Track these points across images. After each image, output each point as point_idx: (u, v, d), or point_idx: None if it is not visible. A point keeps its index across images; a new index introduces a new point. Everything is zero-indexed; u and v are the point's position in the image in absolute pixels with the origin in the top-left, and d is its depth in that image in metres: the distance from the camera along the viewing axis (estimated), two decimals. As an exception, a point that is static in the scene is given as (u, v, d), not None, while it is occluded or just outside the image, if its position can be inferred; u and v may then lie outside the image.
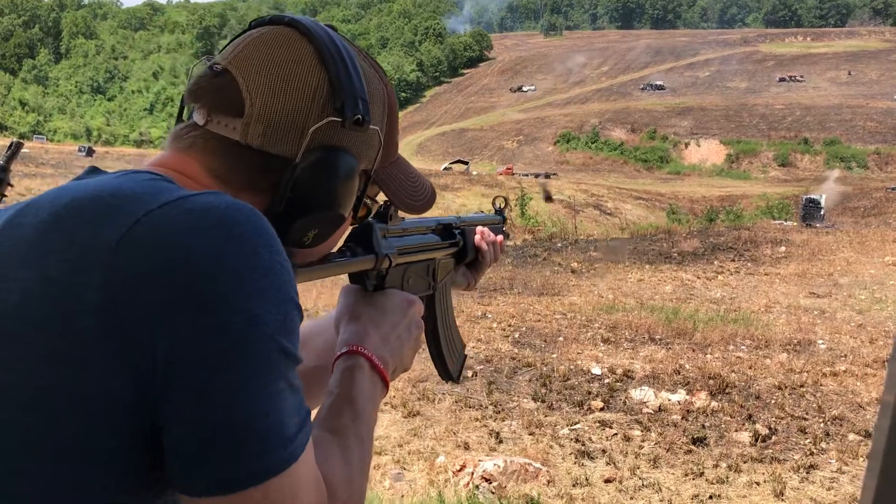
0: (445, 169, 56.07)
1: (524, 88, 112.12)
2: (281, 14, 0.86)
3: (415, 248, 1.08)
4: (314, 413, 0.84)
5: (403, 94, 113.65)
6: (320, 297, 9.24)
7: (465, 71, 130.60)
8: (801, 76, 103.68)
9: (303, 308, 0.72)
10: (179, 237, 0.65)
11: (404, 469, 5.14)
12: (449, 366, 1.24)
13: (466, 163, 63.32)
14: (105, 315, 0.63)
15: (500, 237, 1.35)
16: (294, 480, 0.66)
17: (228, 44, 0.85)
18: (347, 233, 0.95)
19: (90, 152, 45.96)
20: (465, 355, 1.31)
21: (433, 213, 1.13)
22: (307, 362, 1.04)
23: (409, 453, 5.36)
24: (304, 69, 0.80)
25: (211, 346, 0.63)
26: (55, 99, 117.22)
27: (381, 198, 0.98)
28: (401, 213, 1.02)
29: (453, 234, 1.22)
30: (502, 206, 1.45)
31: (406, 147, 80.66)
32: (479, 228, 1.29)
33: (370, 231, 0.96)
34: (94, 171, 0.80)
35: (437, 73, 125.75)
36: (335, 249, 0.93)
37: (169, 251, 0.64)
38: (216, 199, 0.69)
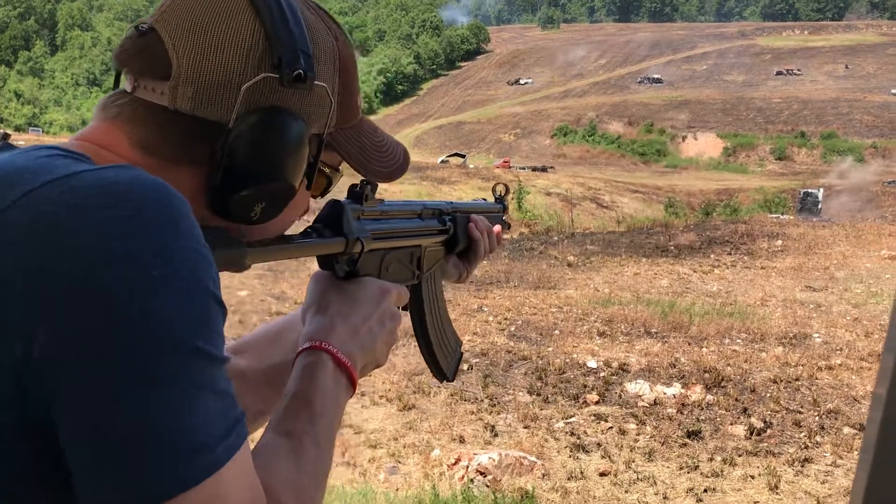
0: (442, 162, 56.08)
1: (521, 81, 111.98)
2: None
3: (395, 233, 0.99)
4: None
5: (400, 87, 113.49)
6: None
7: (462, 64, 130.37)
8: (799, 70, 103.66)
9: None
10: (58, 219, 0.57)
11: (399, 462, 5.13)
12: (441, 363, 1.15)
13: (463, 156, 63.36)
14: None
15: (497, 227, 1.26)
16: (217, 491, 0.57)
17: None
18: (318, 213, 0.88)
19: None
20: (461, 353, 1.22)
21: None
22: (276, 359, 0.98)
23: (404, 447, 5.35)
24: (235, 22, 0.71)
25: (97, 347, 0.54)
26: (51, 91, 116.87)
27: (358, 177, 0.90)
28: (381, 195, 0.93)
29: (443, 220, 1.12)
30: (503, 193, 1.36)
31: (403, 140, 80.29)
32: (472, 216, 1.19)
33: (341, 211, 0.87)
34: (4, 148, 0.71)
35: (435, 66, 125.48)
36: (301, 229, 0.86)
37: (46, 235, 0.56)
38: (115, 173, 0.60)
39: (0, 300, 0.55)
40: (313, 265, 0.91)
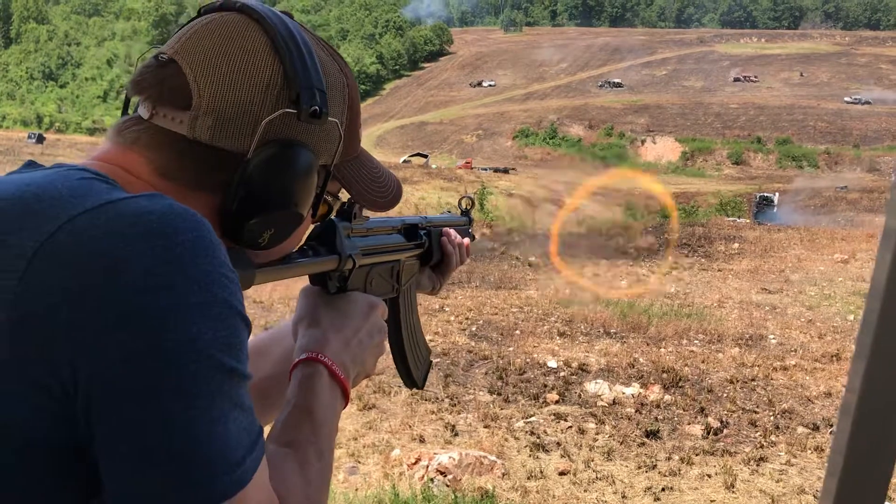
0: (405, 162, 55.97)
1: (484, 83, 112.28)
2: (232, 0, 0.80)
3: (379, 249, 1.03)
4: (269, 427, 0.80)
5: (363, 87, 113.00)
6: (275, 290, 9.12)
7: (425, 65, 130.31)
8: (756, 76, 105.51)
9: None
10: (104, 246, 0.59)
11: (359, 462, 5.09)
12: (413, 372, 1.19)
13: (426, 156, 63.29)
14: (17, 334, 0.57)
15: (466, 240, 1.30)
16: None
17: (177, 32, 0.79)
18: (308, 231, 0.90)
19: (40, 139, 44.90)
20: (431, 361, 1.25)
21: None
22: (265, 371, 1.00)
23: (364, 447, 5.32)
24: (256, 58, 0.75)
25: (142, 368, 0.57)
26: (4, 84, 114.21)
27: (345, 195, 0.92)
28: (365, 212, 0.96)
29: (419, 234, 1.16)
30: (469, 207, 1.39)
31: (365, 139, 79.15)
32: (445, 230, 1.23)
33: (333, 230, 0.91)
34: (31, 165, 0.74)
35: (398, 67, 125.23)
36: (296, 249, 0.88)
37: (92, 263, 0.59)
38: (151, 202, 0.63)
39: (47, 324, 0.57)
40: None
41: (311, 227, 0.90)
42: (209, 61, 0.74)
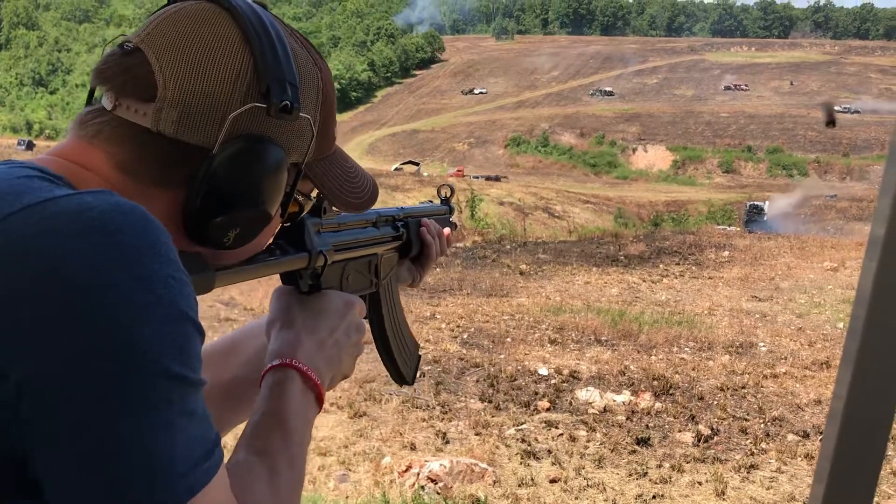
0: (396, 170, 55.97)
1: (476, 91, 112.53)
2: None
3: (353, 244, 0.99)
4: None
5: (354, 94, 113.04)
6: (267, 297, 9.10)
7: (416, 72, 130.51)
8: (746, 85, 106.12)
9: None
10: (40, 245, 0.56)
11: (349, 470, 5.08)
12: (402, 368, 1.16)
13: (417, 164, 63.35)
14: None
15: (447, 229, 1.26)
16: None
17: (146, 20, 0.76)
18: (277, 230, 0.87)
19: (30, 146, 44.75)
20: (420, 355, 1.22)
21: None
22: (235, 372, 0.98)
23: (355, 454, 5.30)
24: (225, 49, 0.71)
25: (81, 372, 0.54)
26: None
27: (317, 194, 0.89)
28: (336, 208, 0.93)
29: (396, 226, 1.13)
30: (448, 195, 1.36)
31: (357, 147, 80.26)
32: (423, 220, 1.20)
33: (302, 227, 0.88)
34: None
35: (389, 74, 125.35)
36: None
37: (27, 262, 0.55)
38: (96, 199, 0.60)
39: None
40: (273, 278, 0.90)
41: (279, 226, 0.87)
42: (176, 51, 0.70)
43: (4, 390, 0.55)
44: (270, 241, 0.86)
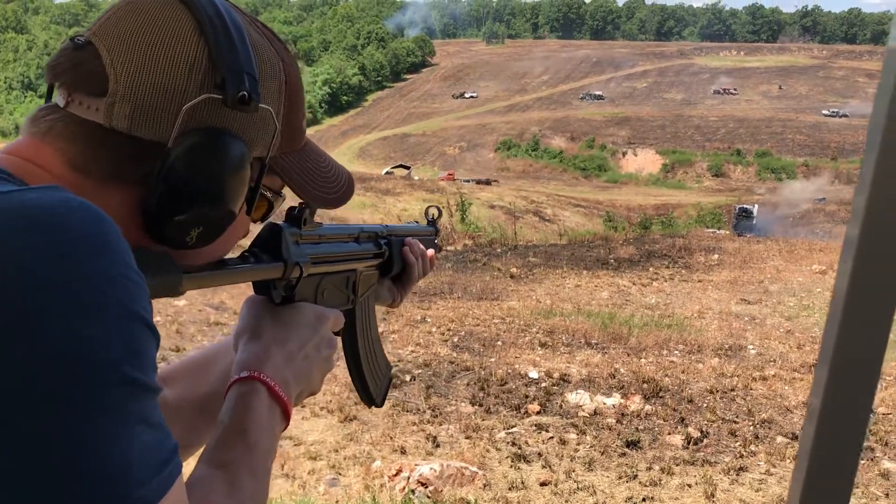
0: (387, 173, 56.00)
1: (466, 95, 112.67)
2: None
3: (332, 258, 0.96)
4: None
5: (345, 98, 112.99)
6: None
7: (407, 76, 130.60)
8: (735, 89, 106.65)
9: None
10: None
11: (339, 474, 5.07)
12: (371, 389, 1.13)
13: (408, 168, 63.37)
14: None
15: (430, 251, 1.24)
16: None
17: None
18: (255, 236, 0.85)
19: (19, 150, 44.57)
20: (391, 377, 1.20)
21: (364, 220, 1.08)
22: (208, 387, 0.95)
23: (345, 458, 5.29)
24: (178, 39, 0.68)
25: (26, 377, 0.51)
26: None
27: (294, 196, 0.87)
28: (317, 218, 0.91)
29: (378, 243, 1.10)
30: (435, 216, 1.34)
31: (347, 151, 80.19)
32: (407, 239, 1.18)
33: (279, 235, 0.84)
34: None
35: (380, 78, 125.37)
36: (235, 253, 0.82)
37: None
38: (41, 195, 0.57)
39: None
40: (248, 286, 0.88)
41: (250, 228, 0.84)
42: (127, 43, 0.68)
43: None
44: (243, 244, 0.84)
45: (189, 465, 0.73)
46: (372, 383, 1.14)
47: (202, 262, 0.77)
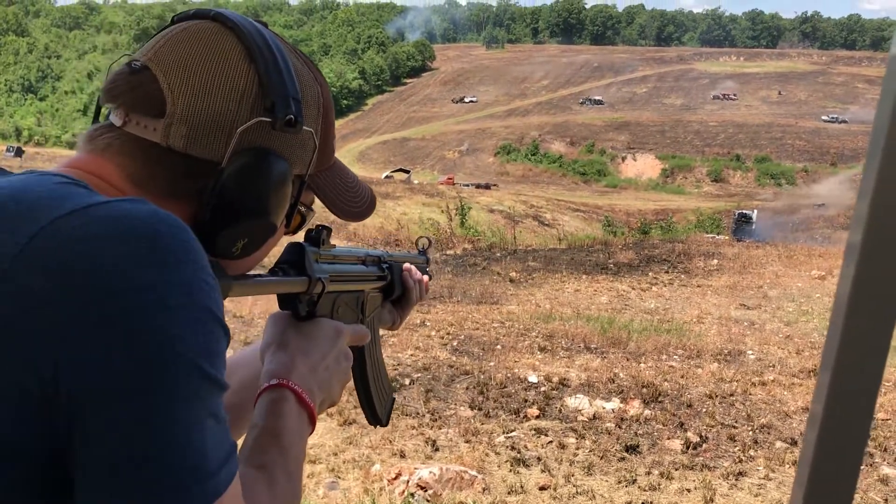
0: (387, 177, 56.03)
1: (466, 99, 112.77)
2: (205, 8, 0.81)
3: (346, 277, 1.02)
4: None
5: (345, 102, 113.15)
6: (255, 304, 9.09)
7: (407, 80, 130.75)
8: (734, 94, 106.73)
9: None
10: (87, 248, 0.59)
11: (339, 478, 5.07)
12: (377, 408, 1.19)
13: (408, 172, 63.45)
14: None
15: (424, 277, 1.31)
16: None
17: (150, 40, 0.79)
18: (281, 253, 0.91)
19: (19, 152, 44.62)
20: (394, 398, 1.25)
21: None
22: (227, 399, 1.00)
23: (344, 462, 5.29)
24: (230, 67, 0.74)
25: (121, 370, 0.57)
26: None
27: (319, 207, 0.92)
28: (332, 241, 0.97)
29: (381, 267, 1.16)
30: (426, 246, 1.40)
31: (347, 154, 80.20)
32: (406, 265, 1.24)
33: (302, 253, 0.90)
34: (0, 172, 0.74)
35: (380, 82, 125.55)
36: (266, 269, 0.88)
37: (74, 264, 0.58)
38: (133, 206, 0.63)
39: (29, 327, 0.57)
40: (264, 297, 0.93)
41: (281, 239, 0.90)
42: (183, 69, 0.73)
43: (44, 388, 0.57)
44: (271, 262, 0.89)
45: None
46: (378, 403, 1.20)
47: (240, 272, 0.83)
